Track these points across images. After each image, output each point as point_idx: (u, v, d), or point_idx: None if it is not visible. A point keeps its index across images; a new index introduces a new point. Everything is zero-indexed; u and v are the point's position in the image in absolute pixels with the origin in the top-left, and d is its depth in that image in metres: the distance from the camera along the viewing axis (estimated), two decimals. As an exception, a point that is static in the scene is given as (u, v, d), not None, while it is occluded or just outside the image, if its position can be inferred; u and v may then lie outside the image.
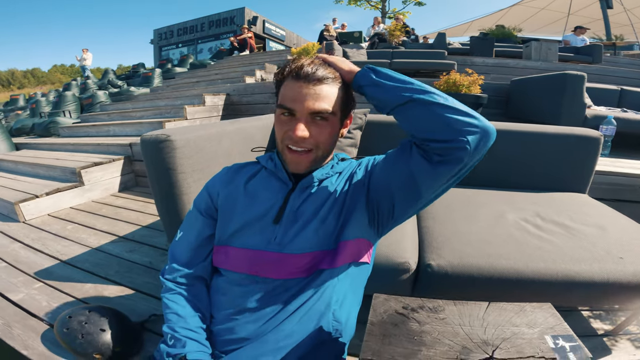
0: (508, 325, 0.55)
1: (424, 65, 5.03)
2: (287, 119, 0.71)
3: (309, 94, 0.68)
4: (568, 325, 0.55)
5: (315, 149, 0.73)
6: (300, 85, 0.69)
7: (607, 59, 7.08)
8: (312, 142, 0.71)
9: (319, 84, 0.69)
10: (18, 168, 3.23)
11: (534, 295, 0.91)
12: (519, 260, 0.92)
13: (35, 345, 1.10)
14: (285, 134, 0.71)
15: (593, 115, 2.67)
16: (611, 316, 1.23)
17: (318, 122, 0.70)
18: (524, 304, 0.61)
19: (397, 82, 0.64)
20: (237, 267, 0.72)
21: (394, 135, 1.65)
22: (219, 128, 1.34)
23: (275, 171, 0.79)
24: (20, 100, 10.27)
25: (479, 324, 0.56)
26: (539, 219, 1.18)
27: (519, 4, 15.11)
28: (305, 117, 0.69)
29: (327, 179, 0.79)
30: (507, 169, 1.58)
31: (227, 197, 0.79)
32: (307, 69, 0.68)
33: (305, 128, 0.69)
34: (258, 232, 0.73)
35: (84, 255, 1.74)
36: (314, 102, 0.69)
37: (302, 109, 0.69)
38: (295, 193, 0.75)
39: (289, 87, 0.70)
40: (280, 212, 0.73)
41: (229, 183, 0.81)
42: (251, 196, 0.77)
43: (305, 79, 0.68)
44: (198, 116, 4.03)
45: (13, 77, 52.07)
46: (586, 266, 0.90)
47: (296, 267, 0.69)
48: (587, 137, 1.49)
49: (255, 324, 0.67)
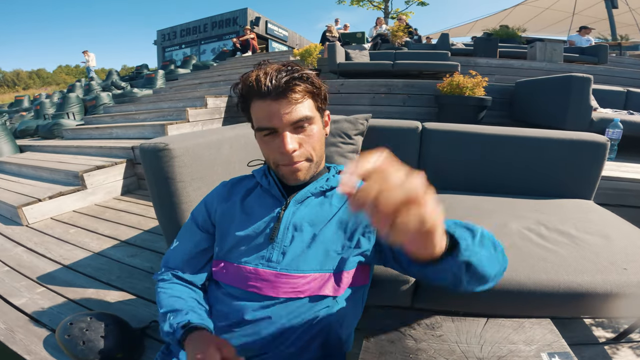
0: (505, 343, 0.55)
1: (427, 66, 5.00)
2: (270, 137, 0.68)
3: (281, 107, 0.65)
4: (565, 342, 0.55)
5: (309, 158, 0.71)
6: (268, 103, 0.65)
7: (612, 59, 7.02)
8: (303, 152, 0.69)
9: (287, 93, 0.64)
10: (22, 171, 3.26)
11: (535, 307, 0.90)
12: (521, 272, 0.91)
13: (37, 350, 1.11)
14: (275, 153, 0.69)
15: (599, 118, 2.64)
16: (613, 324, 1.22)
17: (302, 130, 0.68)
18: (523, 320, 0.60)
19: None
20: (235, 282, 0.71)
21: (396, 140, 1.65)
22: (219, 135, 1.34)
23: (269, 188, 0.78)
24: (24, 101, 10.36)
25: (476, 341, 0.56)
26: (543, 227, 1.16)
27: (523, 4, 15.02)
28: (288, 129, 0.66)
29: (324, 194, 0.77)
30: (511, 175, 1.56)
31: (224, 213, 0.78)
32: (266, 84, 0.64)
33: (292, 140, 0.66)
34: (254, 249, 0.72)
35: (86, 259, 1.75)
36: (290, 112, 0.65)
37: (281, 123, 0.65)
38: (288, 210, 0.73)
39: (257, 107, 0.67)
40: (275, 230, 0.71)
41: (226, 200, 0.80)
42: (247, 213, 0.76)
43: (270, 94, 0.64)
44: (200, 118, 4.04)
45: (18, 78, 52.51)
46: (589, 277, 0.88)
47: (292, 287, 0.67)
48: (594, 142, 1.46)
49: (253, 338, 0.66)
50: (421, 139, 1.64)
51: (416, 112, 3.88)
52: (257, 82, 0.64)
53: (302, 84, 0.66)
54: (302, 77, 0.66)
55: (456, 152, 1.60)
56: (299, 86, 0.65)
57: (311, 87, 0.68)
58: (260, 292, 0.68)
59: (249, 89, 0.67)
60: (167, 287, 0.77)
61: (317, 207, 0.74)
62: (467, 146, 1.58)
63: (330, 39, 8.07)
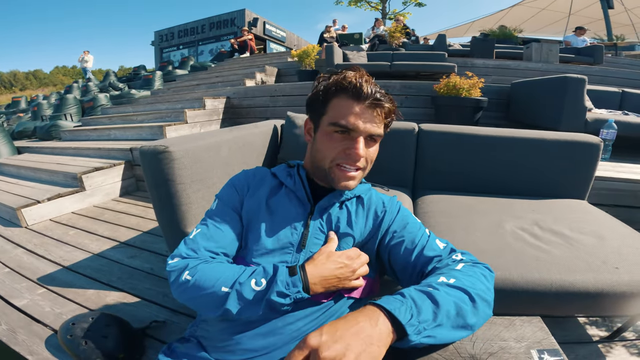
0: (496, 340, 0.56)
1: (424, 67, 5.02)
2: (342, 137, 0.71)
3: (369, 116, 0.69)
4: (555, 340, 0.55)
5: (364, 168, 0.74)
6: (360, 106, 0.69)
7: (608, 59, 7.08)
8: (364, 162, 0.73)
9: (378, 108, 0.69)
10: (20, 172, 3.25)
11: (528, 305, 0.91)
12: (514, 271, 0.92)
13: (39, 350, 1.12)
14: (339, 152, 0.71)
15: (594, 119, 2.67)
16: (607, 323, 1.24)
17: (371, 144, 0.72)
18: (514, 318, 0.61)
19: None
20: None
21: (393, 142, 1.66)
22: (218, 137, 1.35)
23: (294, 190, 0.78)
24: (22, 102, 10.33)
25: (468, 338, 0.57)
26: (537, 227, 1.18)
27: (519, 5, 15.10)
28: (364, 137, 0.70)
29: (345, 203, 0.79)
30: (506, 176, 1.58)
31: (249, 209, 0.77)
32: (368, 90, 0.68)
33: (364, 147, 0.70)
34: (278, 252, 0.72)
35: (86, 261, 1.76)
36: (372, 125, 0.69)
37: (362, 130, 0.69)
38: (315, 217, 0.75)
39: (345, 105, 0.70)
40: (304, 237, 0.73)
41: (254, 193, 0.79)
42: (271, 213, 0.76)
43: (366, 100, 0.68)
44: (198, 120, 4.04)
45: (15, 79, 52.25)
46: (581, 276, 0.89)
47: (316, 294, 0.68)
48: (587, 143, 1.48)
49: (264, 339, 0.64)
50: (418, 140, 1.66)
51: (413, 113, 3.90)
52: (359, 85, 0.68)
53: (389, 105, 0.72)
54: (392, 101, 0.72)
55: (452, 153, 1.62)
56: (387, 105, 0.71)
57: (392, 114, 0.74)
58: None
59: (345, 86, 0.69)
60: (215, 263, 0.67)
61: (339, 215, 0.77)
62: (463, 147, 1.60)
63: (328, 40, 8.10)
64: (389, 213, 0.79)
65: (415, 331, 0.49)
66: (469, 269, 0.64)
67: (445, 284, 0.58)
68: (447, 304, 0.54)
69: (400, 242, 0.74)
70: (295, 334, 0.65)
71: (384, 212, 0.79)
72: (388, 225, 0.77)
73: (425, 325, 0.50)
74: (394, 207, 0.81)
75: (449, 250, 0.71)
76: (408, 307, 0.51)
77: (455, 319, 0.54)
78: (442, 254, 0.70)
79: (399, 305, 0.51)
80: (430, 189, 1.64)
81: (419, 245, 0.72)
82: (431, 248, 0.71)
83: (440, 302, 0.53)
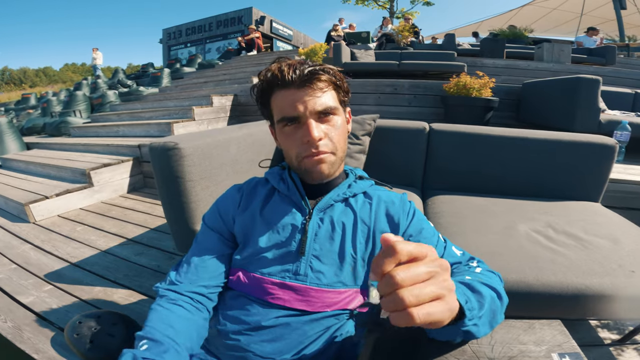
0: (515, 343, 0.55)
1: (434, 67, 4.98)
2: (293, 128, 0.66)
3: (306, 95, 0.64)
4: (576, 343, 0.54)
5: (333, 151, 0.68)
6: (292, 92, 0.65)
7: (620, 60, 6.96)
8: (328, 142, 0.67)
9: (311, 82, 0.64)
10: (29, 168, 3.28)
11: (543, 308, 0.90)
12: (529, 274, 0.91)
13: (45, 349, 1.11)
14: (298, 145, 0.67)
15: (607, 120, 2.62)
16: (618, 326, 1.23)
17: (326, 120, 0.67)
18: (533, 321, 0.60)
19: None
20: (255, 292, 0.68)
21: (403, 141, 1.64)
22: (227, 134, 1.34)
23: (288, 194, 0.74)
24: (31, 99, 10.42)
25: (487, 341, 0.56)
26: (551, 230, 1.16)
27: (530, 4, 14.94)
28: (313, 117, 0.65)
29: (346, 201, 0.74)
30: (518, 177, 1.55)
31: (244, 224, 0.73)
32: (291, 72, 0.63)
33: (318, 128, 0.65)
34: (278, 261, 0.68)
35: (93, 257, 1.76)
36: (314, 100, 0.64)
37: (306, 111, 0.64)
38: (313, 220, 0.70)
39: (280, 98, 0.66)
40: (303, 243, 0.68)
41: (244, 209, 0.75)
42: (267, 222, 0.71)
43: (294, 83, 0.64)
44: (206, 117, 4.05)
45: (25, 76, 52.93)
46: (597, 279, 0.88)
47: (321, 301, 0.65)
48: (603, 145, 1.45)
49: (272, 345, 0.63)
50: (428, 140, 1.64)
51: (422, 112, 3.87)
52: (281, 72, 0.64)
53: (325, 74, 0.66)
54: (324, 69, 0.66)
55: (464, 153, 1.59)
56: (322, 76, 0.65)
57: (334, 79, 0.68)
58: (286, 304, 0.65)
59: (272, 80, 0.66)
60: (166, 307, 0.67)
61: (342, 217, 0.71)
62: (475, 147, 1.57)
63: (335, 38, 8.07)
64: (404, 215, 0.74)
65: (470, 316, 0.47)
66: (487, 273, 0.63)
67: (475, 280, 0.55)
68: (487, 295, 0.52)
69: None
70: (301, 339, 0.64)
71: (399, 213, 0.74)
72: (405, 229, 0.72)
73: (475, 312, 0.48)
74: (409, 209, 0.76)
75: (467, 258, 0.69)
76: (461, 292, 0.47)
77: (490, 312, 0.53)
78: (461, 261, 0.67)
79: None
80: (440, 189, 1.62)
81: (437, 252, 0.68)
82: (450, 255, 0.68)
83: (483, 292, 0.52)
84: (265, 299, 0.66)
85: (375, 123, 1.65)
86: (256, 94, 0.71)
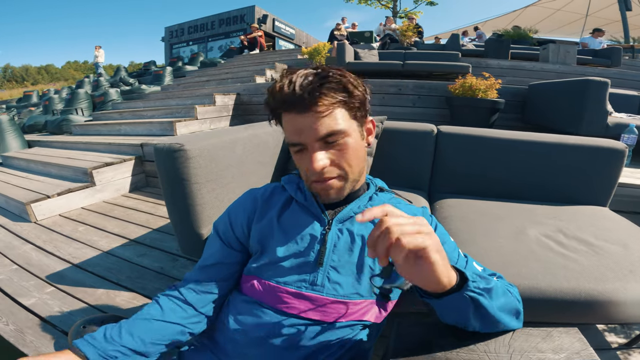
0: (534, 352, 0.54)
1: (439, 67, 4.95)
2: (301, 154, 0.64)
3: (306, 120, 0.59)
4: (593, 350, 0.54)
5: (342, 176, 0.65)
6: (293, 116, 0.60)
7: (625, 62, 6.93)
8: (334, 169, 0.63)
9: (312, 106, 0.58)
10: (30, 167, 3.27)
11: (556, 314, 0.90)
12: (542, 280, 0.90)
13: (48, 352, 1.09)
14: (306, 170, 0.64)
15: (615, 123, 2.59)
16: (625, 330, 1.23)
17: (333, 144, 0.62)
18: (551, 329, 0.60)
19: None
20: (269, 301, 0.67)
21: (411, 143, 1.62)
22: (233, 135, 1.31)
23: (306, 205, 0.72)
24: (33, 96, 10.45)
25: (505, 350, 0.55)
26: (562, 235, 1.14)
27: (534, 5, 14.89)
28: (318, 145, 0.61)
29: None
30: (526, 181, 1.53)
31: (260, 233, 0.72)
32: (289, 97, 0.59)
33: (322, 157, 0.60)
34: (295, 270, 0.67)
35: (95, 258, 1.74)
36: (317, 127, 0.59)
37: (308, 139, 0.60)
38: (332, 231, 0.69)
39: (285, 121, 0.63)
40: (322, 254, 0.67)
41: (260, 218, 0.73)
42: (285, 231, 0.70)
43: (295, 107, 0.59)
44: (208, 116, 4.03)
45: (27, 73, 53.05)
46: (610, 285, 0.88)
47: (338, 312, 0.65)
48: (611, 148, 1.43)
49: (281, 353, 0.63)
50: (436, 143, 1.61)
51: (426, 113, 3.85)
52: (281, 93, 0.60)
53: (329, 92, 0.59)
54: (330, 84, 0.59)
55: (471, 156, 1.57)
56: (325, 95, 0.59)
57: (342, 95, 0.61)
58: (302, 314, 0.64)
59: (275, 101, 0.62)
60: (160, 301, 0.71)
61: (362, 228, 0.69)
62: (483, 150, 1.55)
63: (338, 37, 8.04)
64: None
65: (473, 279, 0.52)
66: (506, 285, 0.62)
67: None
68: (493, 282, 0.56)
69: None
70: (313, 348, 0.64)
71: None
72: None
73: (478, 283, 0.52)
74: (431, 223, 0.74)
75: (488, 273, 0.67)
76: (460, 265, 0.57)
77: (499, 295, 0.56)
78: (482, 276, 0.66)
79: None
80: (448, 193, 1.59)
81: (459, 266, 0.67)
82: (471, 270, 0.66)
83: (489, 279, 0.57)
84: (280, 308, 0.66)
85: (383, 125, 1.62)
86: (269, 112, 0.67)
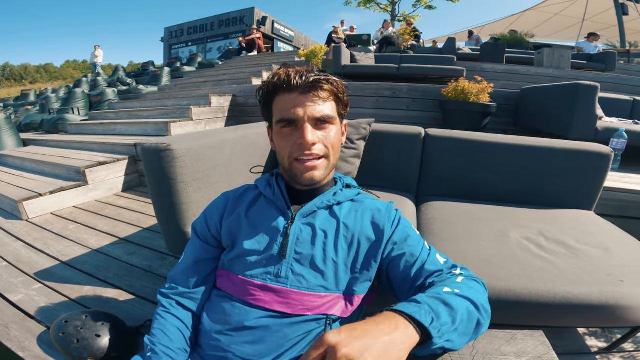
0: (497, 354, 0.55)
1: (433, 70, 4.98)
2: (290, 130, 0.69)
3: (306, 100, 0.68)
4: (556, 354, 0.55)
5: (326, 156, 0.71)
6: (295, 96, 0.68)
7: (620, 66, 6.98)
8: (322, 147, 0.70)
9: (314, 90, 0.68)
10: (24, 165, 3.27)
11: (530, 317, 0.90)
12: (518, 282, 0.90)
13: (31, 347, 1.10)
14: (292, 146, 0.69)
15: (604, 127, 2.61)
16: (606, 334, 1.22)
17: (322, 127, 0.70)
18: (516, 332, 0.61)
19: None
20: (238, 294, 0.70)
21: (398, 146, 1.64)
22: (221, 136, 1.33)
23: (273, 199, 0.76)
24: (31, 95, 10.43)
25: (469, 352, 0.56)
26: (543, 238, 1.15)
27: (532, 9, 14.98)
28: (310, 123, 0.68)
29: (330, 208, 0.75)
30: (513, 184, 1.54)
31: (230, 228, 0.76)
32: (297, 78, 0.68)
33: (313, 133, 0.68)
34: (260, 263, 0.70)
35: (84, 256, 1.74)
36: (314, 107, 0.68)
37: (304, 115, 0.67)
38: (295, 225, 0.72)
39: (282, 100, 0.70)
40: (284, 246, 0.70)
41: (230, 213, 0.78)
42: (252, 225, 0.74)
43: (298, 87, 0.68)
44: (204, 117, 4.04)
45: (26, 72, 52.89)
46: (586, 289, 0.88)
47: (302, 305, 0.66)
48: (597, 153, 1.45)
49: (252, 347, 0.64)
50: (424, 145, 1.63)
51: (420, 116, 3.87)
52: (288, 77, 0.68)
53: (328, 85, 0.70)
54: (329, 80, 0.70)
55: (459, 159, 1.58)
56: (325, 86, 0.69)
57: (336, 91, 0.72)
58: (267, 306, 0.66)
59: (278, 83, 0.70)
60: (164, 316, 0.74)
61: (325, 222, 0.73)
62: (471, 153, 1.57)
63: (336, 40, 8.08)
64: (389, 222, 0.75)
65: (439, 334, 0.49)
66: (469, 281, 0.63)
67: (451, 293, 0.57)
68: (460, 309, 0.54)
69: (400, 254, 0.70)
70: (281, 341, 0.65)
71: (384, 221, 0.74)
72: (389, 236, 0.73)
73: (446, 328, 0.50)
74: (395, 217, 0.77)
75: (450, 266, 0.69)
76: (427, 311, 0.50)
77: (467, 325, 0.54)
78: (443, 269, 0.67)
79: (417, 309, 0.50)
80: (435, 195, 1.61)
81: (420, 259, 0.69)
82: (433, 262, 0.68)
83: (455, 307, 0.54)
84: (247, 300, 0.68)
85: (370, 127, 1.64)
86: (261, 94, 0.75)
